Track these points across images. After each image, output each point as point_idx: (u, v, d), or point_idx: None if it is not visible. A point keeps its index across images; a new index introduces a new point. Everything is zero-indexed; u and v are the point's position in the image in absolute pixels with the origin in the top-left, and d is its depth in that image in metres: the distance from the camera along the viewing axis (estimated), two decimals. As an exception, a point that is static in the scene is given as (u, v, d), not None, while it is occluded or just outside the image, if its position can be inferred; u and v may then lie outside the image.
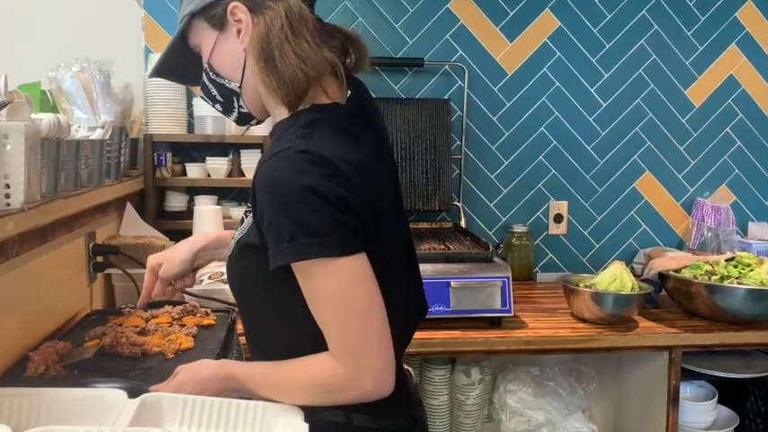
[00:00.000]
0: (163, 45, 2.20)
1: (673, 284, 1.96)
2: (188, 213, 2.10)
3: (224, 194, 2.27)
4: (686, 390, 2.04)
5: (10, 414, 0.91)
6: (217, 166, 2.15)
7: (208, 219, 1.97)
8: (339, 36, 1.04)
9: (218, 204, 2.16)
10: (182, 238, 1.98)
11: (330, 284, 0.89)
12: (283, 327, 1.00)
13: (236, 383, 0.98)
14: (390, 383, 0.92)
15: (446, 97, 2.39)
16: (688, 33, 2.48)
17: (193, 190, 2.22)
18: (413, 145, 2.33)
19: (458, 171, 2.41)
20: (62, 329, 1.37)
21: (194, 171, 2.16)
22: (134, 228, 1.90)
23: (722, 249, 2.37)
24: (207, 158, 2.16)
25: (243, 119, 1.07)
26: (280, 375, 0.97)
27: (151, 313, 1.39)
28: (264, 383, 0.97)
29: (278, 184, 0.87)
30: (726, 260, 1.99)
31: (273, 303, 0.99)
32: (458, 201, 2.40)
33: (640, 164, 2.52)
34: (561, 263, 2.51)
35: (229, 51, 1.00)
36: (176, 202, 2.17)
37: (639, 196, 2.54)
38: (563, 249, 2.52)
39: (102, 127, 1.56)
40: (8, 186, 1.04)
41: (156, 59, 1.10)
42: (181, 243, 1.30)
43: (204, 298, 1.69)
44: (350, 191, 0.88)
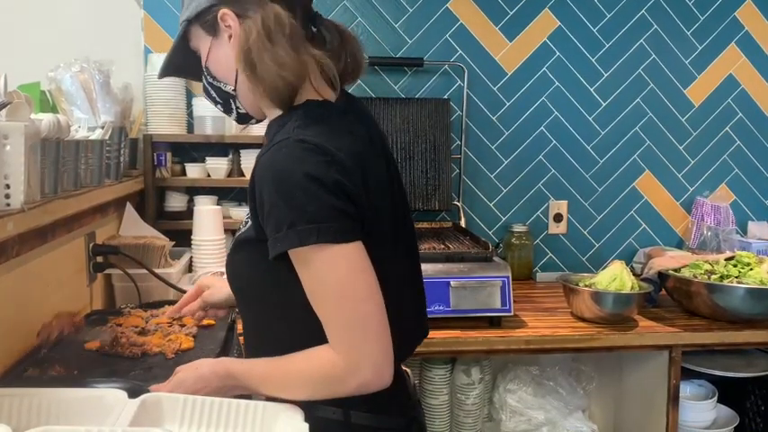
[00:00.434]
0: (162, 45, 2.23)
1: (672, 284, 1.97)
2: (188, 213, 2.10)
3: (224, 194, 2.27)
4: (686, 389, 2.05)
5: (10, 414, 0.91)
6: (216, 166, 2.15)
7: (208, 219, 1.97)
8: (335, 36, 1.04)
9: (217, 204, 2.16)
10: (182, 239, 2.02)
11: (329, 272, 0.89)
12: (283, 326, 1.00)
13: (234, 380, 0.98)
14: (389, 375, 0.92)
15: (446, 97, 2.39)
16: (687, 33, 2.49)
17: (193, 190, 2.21)
18: (412, 145, 2.33)
19: (457, 171, 2.41)
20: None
21: (194, 171, 2.16)
22: (134, 228, 1.90)
23: (722, 249, 2.37)
24: (207, 158, 2.16)
25: (242, 118, 1.10)
26: (279, 370, 0.97)
27: (151, 313, 1.39)
28: (264, 379, 0.97)
29: (277, 172, 0.89)
30: (725, 259, 2.00)
31: (272, 299, 0.99)
32: (457, 200, 2.40)
33: (640, 163, 2.52)
34: (561, 262, 2.51)
35: (223, 56, 1.02)
36: (176, 203, 2.17)
37: (639, 196, 2.54)
38: (563, 249, 2.52)
39: (101, 127, 1.56)
40: (8, 187, 1.05)
41: (162, 61, 1.12)
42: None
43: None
44: (347, 178, 0.90)
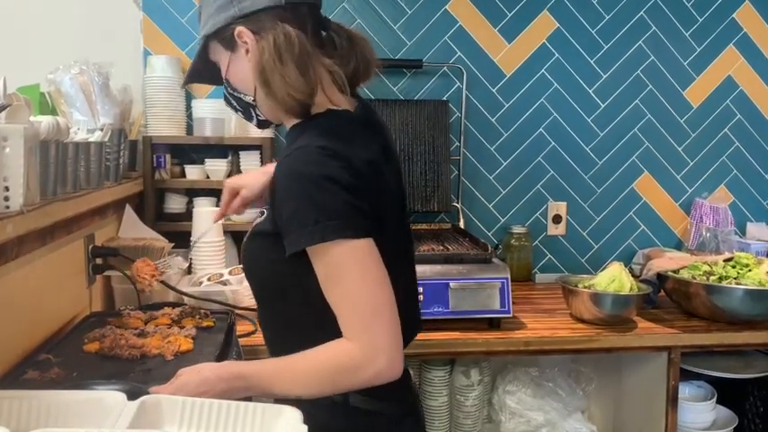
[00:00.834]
0: (161, 47, 2.23)
1: (671, 285, 1.97)
2: (187, 215, 2.11)
3: (223, 196, 2.27)
4: (685, 390, 2.05)
5: (9, 416, 0.91)
6: (216, 168, 2.15)
7: (207, 220, 1.96)
8: (344, 39, 1.10)
9: (217, 206, 2.15)
10: (181, 240, 2.01)
11: (346, 262, 0.95)
12: (301, 315, 1.03)
13: (244, 382, 0.99)
14: (400, 366, 0.96)
15: (445, 98, 2.39)
16: (686, 34, 2.49)
17: (192, 192, 2.21)
18: (411, 146, 2.33)
19: (456, 172, 2.41)
20: (61, 331, 1.37)
21: (193, 173, 2.16)
22: (133, 230, 1.90)
23: (721, 250, 2.38)
24: (206, 160, 2.16)
25: (262, 124, 1.16)
26: (292, 366, 0.98)
27: (150, 315, 1.39)
28: (276, 377, 0.98)
29: (298, 174, 0.96)
30: (724, 260, 2.00)
31: (288, 290, 1.03)
32: (456, 202, 2.40)
33: (639, 164, 2.52)
34: (560, 264, 2.51)
35: (242, 69, 1.08)
36: (175, 204, 2.17)
37: (638, 197, 2.54)
38: (562, 250, 2.52)
39: (101, 129, 1.56)
40: (7, 189, 1.05)
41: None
42: (251, 171, 1.44)
43: (203, 299, 1.70)
44: (361, 181, 0.97)
